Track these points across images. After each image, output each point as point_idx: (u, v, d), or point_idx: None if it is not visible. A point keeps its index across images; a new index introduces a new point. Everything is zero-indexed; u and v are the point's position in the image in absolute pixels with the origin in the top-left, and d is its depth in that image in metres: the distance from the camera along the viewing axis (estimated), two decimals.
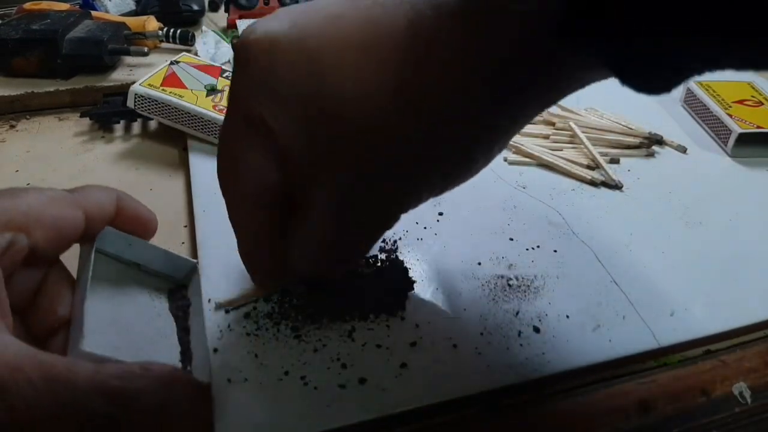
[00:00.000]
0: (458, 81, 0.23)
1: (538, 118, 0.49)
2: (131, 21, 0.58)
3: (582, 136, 0.45)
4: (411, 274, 0.33)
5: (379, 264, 0.34)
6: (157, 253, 0.30)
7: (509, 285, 0.33)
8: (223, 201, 0.39)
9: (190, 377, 0.24)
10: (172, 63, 0.48)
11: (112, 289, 0.28)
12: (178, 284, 0.31)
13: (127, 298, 0.28)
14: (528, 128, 0.47)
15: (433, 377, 0.28)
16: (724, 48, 0.19)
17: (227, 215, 0.28)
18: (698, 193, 0.42)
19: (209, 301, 0.31)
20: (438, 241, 0.36)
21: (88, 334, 0.24)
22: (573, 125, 0.46)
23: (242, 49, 0.24)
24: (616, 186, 0.42)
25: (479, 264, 0.34)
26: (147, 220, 0.30)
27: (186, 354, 0.28)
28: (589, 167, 0.43)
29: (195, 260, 0.32)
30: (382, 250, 0.35)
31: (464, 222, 0.38)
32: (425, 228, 0.37)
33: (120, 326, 0.27)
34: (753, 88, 0.53)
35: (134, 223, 0.29)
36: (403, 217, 0.28)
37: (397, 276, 0.33)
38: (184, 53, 0.50)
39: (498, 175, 0.42)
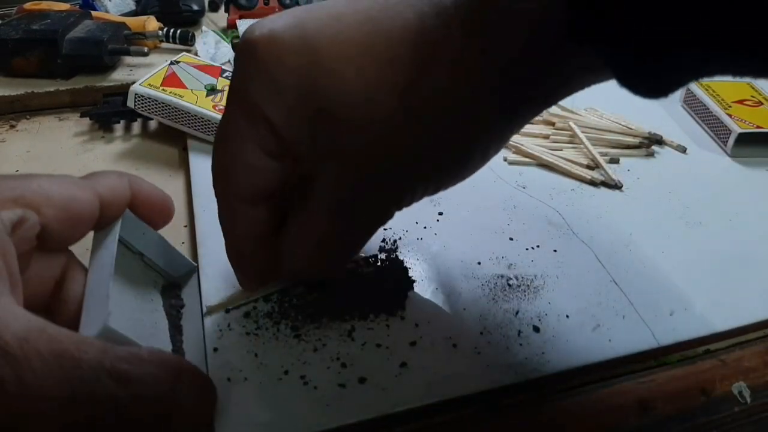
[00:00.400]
0: (462, 81, 0.23)
1: (537, 118, 0.49)
2: (131, 21, 0.58)
3: (582, 136, 0.45)
4: (411, 273, 0.33)
5: (379, 264, 0.34)
6: (162, 247, 0.30)
7: (509, 285, 0.33)
8: None
9: (197, 369, 0.24)
10: (172, 63, 0.48)
11: (121, 275, 0.28)
12: (171, 282, 0.31)
13: (132, 286, 0.28)
14: (528, 128, 0.47)
15: (433, 377, 0.28)
16: (721, 56, 0.19)
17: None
18: (698, 193, 0.42)
19: (205, 311, 0.30)
20: (438, 241, 0.36)
21: (114, 313, 0.23)
22: (573, 125, 0.46)
23: (246, 44, 0.24)
24: (615, 186, 0.42)
25: (479, 264, 0.34)
26: (162, 203, 0.30)
27: (178, 353, 0.28)
28: (588, 167, 0.43)
29: (195, 263, 0.32)
30: (382, 249, 0.35)
31: (464, 222, 0.38)
32: (425, 228, 0.37)
33: (127, 312, 0.27)
34: (752, 88, 0.53)
35: (150, 206, 0.29)
36: (403, 217, 0.28)
37: (397, 276, 0.33)
38: (184, 53, 0.50)
39: (498, 175, 0.42)
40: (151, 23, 0.58)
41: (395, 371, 0.28)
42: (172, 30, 0.57)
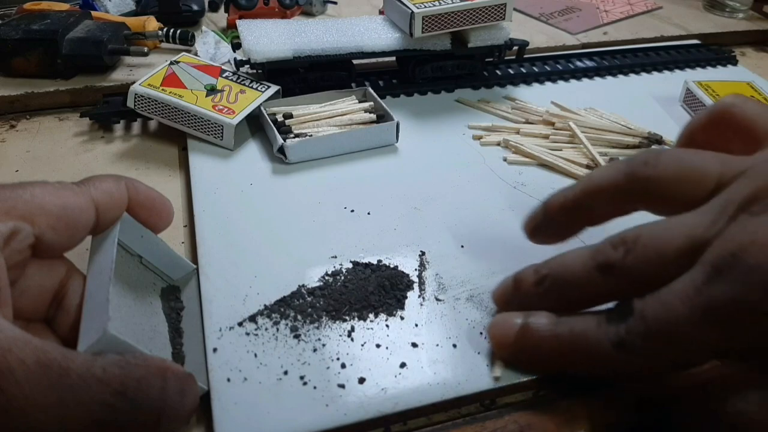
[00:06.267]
0: None
1: (537, 117, 0.49)
2: (131, 21, 0.58)
3: (581, 135, 0.45)
4: (411, 274, 0.33)
5: (379, 264, 0.34)
6: (161, 249, 0.30)
7: None
8: (222, 200, 0.39)
9: (178, 366, 0.24)
10: (171, 63, 0.48)
11: (120, 279, 0.28)
12: (171, 284, 0.31)
13: (131, 290, 0.28)
14: (528, 128, 0.47)
15: (433, 377, 0.28)
16: None
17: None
18: None
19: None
20: (437, 241, 0.36)
21: (114, 318, 0.23)
22: (572, 125, 0.46)
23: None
24: None
25: (478, 264, 0.34)
26: (161, 206, 0.29)
27: (178, 356, 0.28)
28: (588, 167, 0.43)
29: (194, 265, 0.32)
30: (382, 251, 0.35)
31: (463, 222, 0.38)
32: (425, 228, 0.37)
33: (127, 317, 0.27)
34: (752, 87, 0.53)
35: (148, 210, 0.29)
36: (403, 217, 0.28)
37: (397, 276, 0.33)
38: (183, 53, 0.50)
39: (497, 174, 0.42)
40: (151, 23, 0.58)
41: (395, 371, 0.28)
42: (172, 30, 0.57)
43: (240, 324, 0.30)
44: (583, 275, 0.26)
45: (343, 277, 0.33)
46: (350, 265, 0.33)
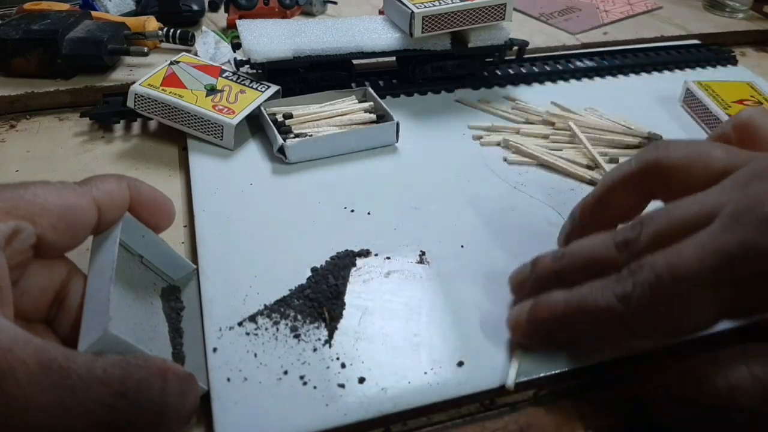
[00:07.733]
0: None
1: (537, 117, 0.49)
2: (131, 21, 0.58)
3: (581, 136, 0.45)
4: (411, 274, 0.33)
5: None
6: (162, 249, 0.30)
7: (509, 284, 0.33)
8: (222, 200, 0.39)
9: (181, 368, 0.24)
10: (171, 63, 0.48)
11: (121, 279, 0.28)
12: (171, 284, 0.31)
13: (132, 289, 0.28)
14: (528, 128, 0.47)
15: (433, 377, 0.28)
16: None
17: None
18: None
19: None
20: (438, 242, 0.36)
21: (114, 318, 0.23)
22: (572, 125, 0.46)
23: None
24: None
25: (479, 263, 0.34)
26: (163, 206, 0.29)
27: (179, 356, 0.28)
28: (588, 167, 0.43)
29: (194, 265, 0.32)
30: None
31: (463, 222, 0.38)
32: (425, 228, 0.37)
33: (128, 317, 0.27)
34: (752, 88, 0.53)
35: (150, 210, 0.29)
36: (405, 218, 0.28)
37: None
38: (183, 53, 0.50)
39: (497, 175, 0.42)
40: (151, 23, 0.58)
41: (395, 371, 0.28)
42: (172, 30, 0.57)
43: (240, 324, 0.30)
44: (602, 250, 0.27)
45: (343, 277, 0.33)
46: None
